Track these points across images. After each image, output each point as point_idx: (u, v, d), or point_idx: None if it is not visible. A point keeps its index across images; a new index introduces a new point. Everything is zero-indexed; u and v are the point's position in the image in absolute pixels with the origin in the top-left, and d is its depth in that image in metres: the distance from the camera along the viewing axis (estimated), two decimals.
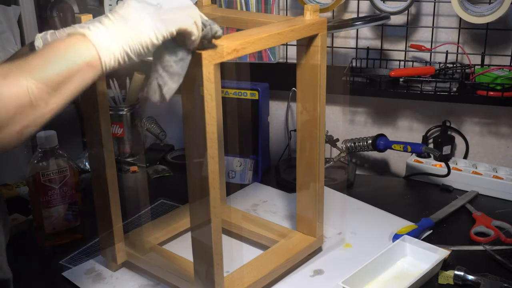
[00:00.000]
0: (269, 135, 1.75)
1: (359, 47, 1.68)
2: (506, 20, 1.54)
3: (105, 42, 0.75)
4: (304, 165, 1.23)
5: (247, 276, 1.14)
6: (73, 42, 0.74)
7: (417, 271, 1.19)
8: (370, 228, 1.39)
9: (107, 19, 0.77)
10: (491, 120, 1.65)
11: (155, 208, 1.50)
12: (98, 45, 0.74)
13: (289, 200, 1.51)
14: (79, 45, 0.74)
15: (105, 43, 0.75)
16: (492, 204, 1.48)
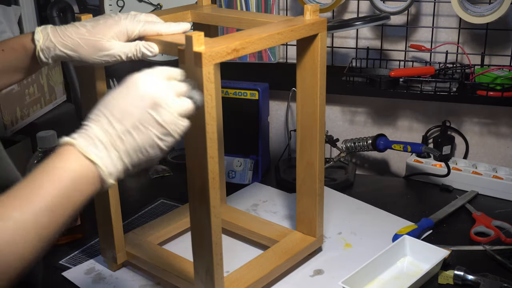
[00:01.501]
0: (269, 135, 1.75)
1: (359, 47, 1.68)
2: (506, 20, 1.54)
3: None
4: (304, 165, 1.23)
5: (247, 276, 1.15)
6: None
7: (417, 271, 1.19)
8: (370, 228, 1.39)
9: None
10: (491, 120, 1.65)
11: (155, 208, 1.51)
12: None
13: (289, 200, 1.52)
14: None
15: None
16: (492, 204, 1.48)
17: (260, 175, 1.64)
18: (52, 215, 0.65)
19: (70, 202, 0.67)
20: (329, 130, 1.71)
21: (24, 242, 0.62)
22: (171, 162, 1.77)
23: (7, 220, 0.62)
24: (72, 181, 0.68)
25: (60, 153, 0.69)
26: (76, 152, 0.69)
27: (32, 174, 0.67)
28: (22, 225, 0.62)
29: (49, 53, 0.96)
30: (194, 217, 1.03)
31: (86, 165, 0.69)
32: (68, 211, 0.67)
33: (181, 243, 1.34)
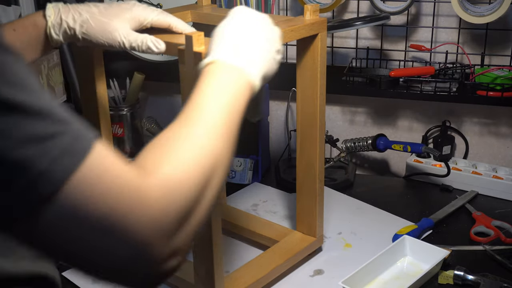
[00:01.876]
0: (269, 135, 1.75)
1: (359, 47, 1.68)
2: (506, 20, 1.54)
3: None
4: (304, 165, 1.23)
5: (247, 276, 1.14)
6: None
7: (417, 271, 1.19)
8: (370, 228, 1.39)
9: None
10: (491, 120, 1.65)
11: None
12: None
13: (289, 200, 1.52)
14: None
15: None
16: (492, 204, 1.48)
17: (260, 175, 1.64)
18: (227, 126, 0.65)
19: (235, 115, 0.67)
20: (329, 130, 1.71)
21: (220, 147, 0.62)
22: None
23: (194, 136, 0.61)
24: (233, 94, 0.68)
25: (211, 71, 0.70)
26: (224, 65, 0.71)
27: (192, 100, 0.66)
28: (212, 131, 0.62)
29: (60, 29, 0.95)
30: None
31: (237, 75, 0.71)
32: (236, 125, 0.67)
33: None
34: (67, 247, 0.51)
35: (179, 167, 0.57)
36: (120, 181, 0.52)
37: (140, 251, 0.52)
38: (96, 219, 0.50)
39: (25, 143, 0.46)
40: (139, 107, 1.83)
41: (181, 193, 0.55)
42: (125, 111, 1.77)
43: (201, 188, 0.58)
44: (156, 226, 0.52)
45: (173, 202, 0.54)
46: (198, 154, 0.59)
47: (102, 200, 0.50)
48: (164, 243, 0.53)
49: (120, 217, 0.50)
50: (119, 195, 0.51)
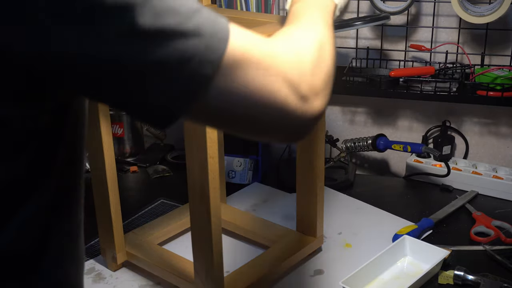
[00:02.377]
0: None
1: (359, 47, 1.68)
2: (506, 20, 1.54)
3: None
4: (304, 165, 1.23)
5: (247, 276, 1.15)
6: None
7: (417, 271, 1.19)
8: (370, 228, 1.39)
9: None
10: (491, 120, 1.65)
11: (155, 208, 1.50)
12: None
13: (289, 200, 1.51)
14: None
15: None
16: (492, 204, 1.48)
17: (260, 175, 1.64)
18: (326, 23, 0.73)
19: (329, 20, 0.75)
20: (329, 130, 1.71)
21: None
22: (171, 162, 1.77)
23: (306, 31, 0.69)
24: (324, 6, 0.77)
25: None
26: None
27: (291, 13, 0.75)
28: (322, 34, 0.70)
29: None
30: (194, 217, 1.03)
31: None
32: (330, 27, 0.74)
33: (181, 243, 1.34)
34: (236, 107, 0.58)
35: (296, 40, 0.66)
36: (258, 37, 0.60)
37: (293, 85, 0.59)
38: (255, 66, 0.57)
39: (191, 16, 0.54)
40: None
41: (302, 50, 0.64)
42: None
43: (317, 54, 0.66)
44: (295, 65, 0.61)
45: (299, 54, 0.63)
46: (308, 36, 0.68)
47: (254, 50, 0.58)
48: (307, 81, 0.61)
49: (269, 60, 0.58)
50: (264, 45, 0.60)
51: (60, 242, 0.67)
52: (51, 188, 0.63)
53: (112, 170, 1.17)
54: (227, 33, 0.56)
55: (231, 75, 0.56)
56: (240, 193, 1.57)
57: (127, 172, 1.72)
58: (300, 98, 0.60)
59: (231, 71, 0.56)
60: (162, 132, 1.85)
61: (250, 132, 0.64)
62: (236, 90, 0.56)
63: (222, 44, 0.55)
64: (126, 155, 1.81)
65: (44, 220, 0.63)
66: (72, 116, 0.63)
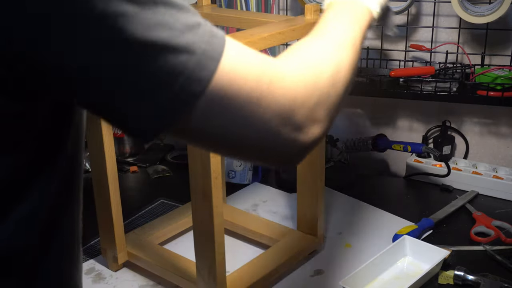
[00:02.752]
0: None
1: None
2: (506, 20, 1.54)
3: None
4: (305, 165, 1.23)
5: (248, 276, 1.15)
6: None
7: (417, 271, 1.19)
8: (370, 228, 1.39)
9: None
10: (491, 120, 1.65)
11: (155, 208, 1.50)
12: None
13: (289, 200, 1.51)
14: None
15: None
16: (492, 204, 1.48)
17: (260, 175, 1.64)
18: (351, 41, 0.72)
19: (358, 34, 0.74)
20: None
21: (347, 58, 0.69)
22: (171, 162, 1.77)
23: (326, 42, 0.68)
24: (354, 16, 0.76)
25: (332, 5, 0.77)
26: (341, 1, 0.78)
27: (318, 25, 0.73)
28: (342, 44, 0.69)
29: None
30: (196, 217, 1.03)
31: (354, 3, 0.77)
32: (359, 42, 0.73)
33: (181, 243, 1.34)
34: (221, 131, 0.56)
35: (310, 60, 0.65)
36: (259, 59, 0.58)
37: (285, 116, 0.57)
38: (246, 93, 0.55)
39: (184, 32, 0.53)
40: None
41: (313, 73, 0.62)
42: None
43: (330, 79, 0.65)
44: (296, 93, 0.59)
45: (307, 78, 0.61)
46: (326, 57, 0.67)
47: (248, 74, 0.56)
48: (303, 112, 0.59)
49: (264, 88, 0.56)
50: (261, 69, 0.57)
51: (59, 241, 0.67)
52: (50, 186, 0.63)
53: (113, 170, 1.17)
54: (221, 52, 0.54)
55: (219, 97, 0.54)
56: (240, 193, 1.57)
57: (127, 172, 1.72)
58: (294, 129, 0.58)
59: (219, 93, 0.54)
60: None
61: (237, 156, 0.63)
62: (222, 113, 0.55)
63: (213, 64, 0.53)
64: (126, 155, 1.80)
65: (43, 219, 0.63)
66: (74, 116, 0.63)
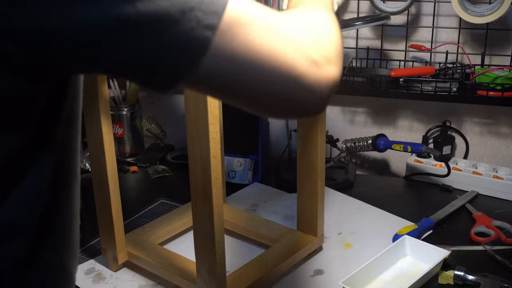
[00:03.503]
0: (269, 135, 1.75)
1: (359, 47, 1.68)
2: (506, 20, 1.54)
3: None
4: (305, 165, 1.23)
5: (247, 276, 1.15)
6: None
7: (417, 271, 1.19)
8: (370, 228, 1.39)
9: None
10: (491, 120, 1.65)
11: (155, 208, 1.50)
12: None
13: (289, 200, 1.51)
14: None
15: None
16: (492, 204, 1.48)
17: (260, 175, 1.64)
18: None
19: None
20: (329, 130, 1.71)
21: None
22: (171, 162, 1.77)
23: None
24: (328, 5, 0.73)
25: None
26: None
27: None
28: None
29: None
30: (197, 217, 1.03)
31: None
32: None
33: (182, 243, 1.34)
34: (242, 67, 0.55)
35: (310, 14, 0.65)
36: (266, 7, 0.58)
37: (303, 49, 0.57)
38: (261, 22, 0.55)
39: None
40: (139, 107, 1.83)
41: (318, 22, 0.63)
42: (125, 111, 1.78)
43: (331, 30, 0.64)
44: (309, 30, 0.59)
45: (315, 23, 0.62)
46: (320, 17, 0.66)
47: (259, 8, 0.57)
48: (317, 48, 0.58)
49: (280, 21, 0.57)
50: (270, 10, 0.58)
51: (55, 227, 0.66)
52: (47, 170, 0.62)
53: (113, 170, 1.17)
54: None
55: (236, 29, 0.54)
56: (240, 193, 1.57)
57: (127, 172, 1.72)
58: (311, 63, 0.57)
59: (236, 25, 0.54)
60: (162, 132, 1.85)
61: (256, 103, 0.60)
62: (240, 46, 0.54)
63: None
64: (126, 155, 1.81)
65: (39, 202, 0.63)
66: (69, 91, 0.63)
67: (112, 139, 1.16)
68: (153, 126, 1.86)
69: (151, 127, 1.86)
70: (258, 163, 1.63)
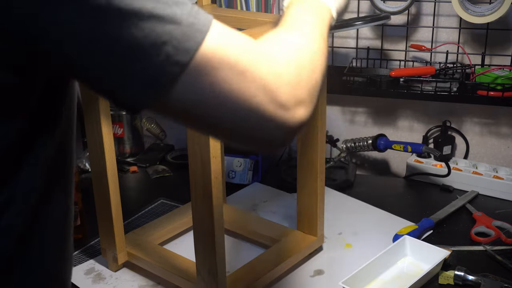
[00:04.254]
0: None
1: (359, 47, 1.68)
2: (507, 20, 1.54)
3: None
4: (305, 165, 1.23)
5: (248, 276, 1.15)
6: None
7: (417, 271, 1.19)
8: (370, 228, 1.39)
9: None
10: (491, 120, 1.64)
11: (155, 208, 1.50)
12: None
13: (289, 200, 1.51)
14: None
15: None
16: (492, 204, 1.48)
17: (260, 175, 1.64)
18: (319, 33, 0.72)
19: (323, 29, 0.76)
20: (329, 130, 1.71)
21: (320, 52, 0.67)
22: (171, 162, 1.77)
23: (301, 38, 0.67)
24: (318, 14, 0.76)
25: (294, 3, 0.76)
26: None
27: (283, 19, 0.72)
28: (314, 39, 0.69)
29: None
30: (197, 217, 1.03)
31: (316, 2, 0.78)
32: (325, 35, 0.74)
33: (181, 243, 1.34)
34: (206, 105, 0.56)
35: (291, 44, 0.65)
36: (244, 37, 0.60)
37: (270, 92, 0.57)
38: (231, 66, 0.56)
39: (171, 5, 0.54)
40: None
41: (295, 55, 0.62)
42: (125, 111, 1.77)
43: (310, 63, 0.64)
44: (281, 70, 0.59)
45: (291, 58, 0.61)
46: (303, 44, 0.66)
47: (234, 49, 0.57)
48: (288, 90, 0.58)
49: (250, 62, 0.57)
50: (247, 46, 0.59)
51: (47, 230, 0.67)
52: (40, 171, 0.63)
53: (113, 170, 1.17)
54: (208, 26, 0.56)
55: (205, 68, 0.55)
56: (240, 193, 1.57)
57: (127, 172, 1.72)
58: (279, 107, 0.58)
59: (205, 65, 0.54)
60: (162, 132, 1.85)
61: (221, 134, 0.62)
62: (207, 85, 0.55)
63: (199, 35, 0.54)
64: (126, 155, 1.80)
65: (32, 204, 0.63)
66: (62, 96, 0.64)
67: (112, 139, 1.16)
68: (153, 126, 1.86)
69: (151, 127, 1.86)
70: (258, 163, 1.63)
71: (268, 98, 0.57)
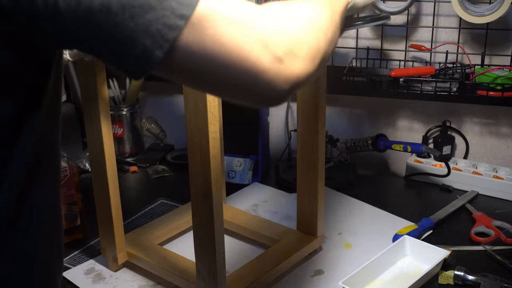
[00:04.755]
0: (269, 135, 1.75)
1: (359, 47, 1.68)
2: (506, 20, 1.54)
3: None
4: (305, 165, 1.23)
5: (247, 276, 1.15)
6: None
7: (417, 271, 1.19)
8: (370, 228, 1.39)
9: None
10: (491, 120, 1.65)
11: (155, 208, 1.50)
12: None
13: (289, 200, 1.51)
14: None
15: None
16: (492, 204, 1.48)
17: (260, 175, 1.64)
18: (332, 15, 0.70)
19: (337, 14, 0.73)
20: (329, 130, 1.71)
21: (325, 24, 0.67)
22: (171, 162, 1.77)
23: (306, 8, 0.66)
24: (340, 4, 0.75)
25: None
26: None
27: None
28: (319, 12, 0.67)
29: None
30: (196, 217, 1.03)
31: None
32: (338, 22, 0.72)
33: (181, 243, 1.34)
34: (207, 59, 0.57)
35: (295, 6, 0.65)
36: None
37: (266, 42, 0.58)
38: (230, 18, 0.57)
39: None
40: (139, 107, 1.83)
41: (297, 14, 0.63)
42: (125, 111, 1.77)
43: (312, 23, 0.64)
44: (279, 25, 0.60)
45: (291, 17, 0.62)
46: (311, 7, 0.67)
47: (235, 3, 0.58)
48: (287, 41, 0.59)
49: (250, 16, 0.58)
50: (247, 4, 0.59)
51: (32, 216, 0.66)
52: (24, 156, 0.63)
53: (113, 170, 1.17)
54: None
55: (204, 25, 0.56)
56: (240, 193, 1.57)
57: (127, 172, 1.72)
58: (275, 59, 0.58)
59: (204, 20, 0.56)
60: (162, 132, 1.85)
61: (219, 91, 0.64)
62: (207, 41, 0.56)
63: None
64: (126, 155, 1.81)
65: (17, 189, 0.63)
66: (56, 59, 0.64)
67: (112, 139, 1.16)
68: (153, 126, 1.86)
69: (151, 127, 1.86)
70: (258, 163, 1.63)
71: (265, 51, 0.58)
